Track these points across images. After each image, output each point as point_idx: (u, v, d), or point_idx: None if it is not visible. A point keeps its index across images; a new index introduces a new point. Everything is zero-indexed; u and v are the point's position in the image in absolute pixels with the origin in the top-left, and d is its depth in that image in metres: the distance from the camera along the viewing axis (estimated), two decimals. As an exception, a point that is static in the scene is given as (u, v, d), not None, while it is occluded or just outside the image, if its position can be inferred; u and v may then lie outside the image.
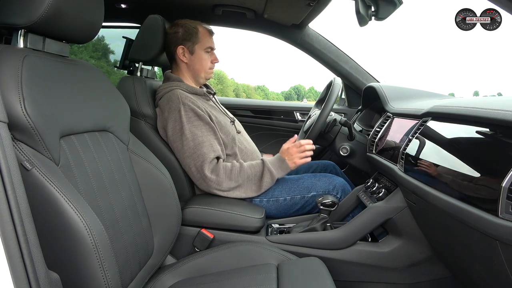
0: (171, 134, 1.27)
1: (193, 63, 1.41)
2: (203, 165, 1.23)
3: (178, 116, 1.26)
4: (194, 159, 1.24)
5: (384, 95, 1.39)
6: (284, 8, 1.67)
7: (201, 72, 1.43)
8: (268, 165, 1.29)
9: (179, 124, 1.25)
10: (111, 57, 3.17)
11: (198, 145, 1.24)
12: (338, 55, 1.91)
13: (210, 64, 1.44)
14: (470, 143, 0.76)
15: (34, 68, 0.70)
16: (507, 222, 0.58)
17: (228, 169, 1.26)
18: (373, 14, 1.16)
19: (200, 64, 1.41)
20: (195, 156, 1.24)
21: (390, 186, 1.17)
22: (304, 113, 2.17)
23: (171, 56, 1.43)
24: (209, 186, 1.25)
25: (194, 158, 1.24)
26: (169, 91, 1.32)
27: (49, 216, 0.64)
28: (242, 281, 0.90)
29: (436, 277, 1.10)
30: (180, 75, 1.42)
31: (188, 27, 1.39)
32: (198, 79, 1.44)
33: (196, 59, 1.40)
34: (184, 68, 1.42)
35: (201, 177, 1.25)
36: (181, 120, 1.25)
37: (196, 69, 1.42)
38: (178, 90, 1.31)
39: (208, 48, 1.42)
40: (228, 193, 1.27)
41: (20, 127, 0.65)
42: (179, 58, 1.40)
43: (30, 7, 0.70)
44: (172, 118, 1.27)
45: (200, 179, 1.25)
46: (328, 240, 1.14)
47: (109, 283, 0.67)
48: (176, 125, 1.26)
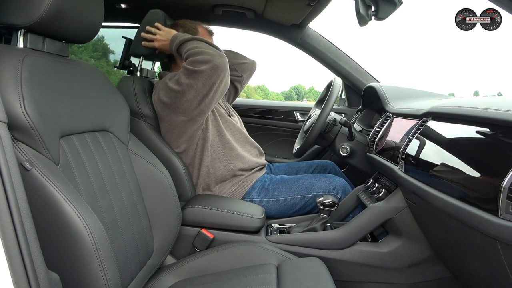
0: (171, 88, 1.23)
1: None
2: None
3: (167, 79, 1.25)
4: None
5: (384, 95, 1.39)
6: (284, 8, 1.67)
7: None
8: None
9: (172, 81, 1.23)
10: (111, 57, 3.16)
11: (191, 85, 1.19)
12: (338, 55, 1.91)
13: None
14: (470, 143, 0.76)
15: (34, 68, 0.70)
16: (507, 222, 0.58)
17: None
18: (373, 14, 1.16)
19: None
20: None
21: (390, 186, 1.17)
22: (304, 113, 2.17)
23: (170, 56, 1.43)
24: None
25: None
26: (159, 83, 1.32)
27: (49, 216, 0.64)
28: (242, 281, 0.90)
29: (436, 277, 1.10)
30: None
31: (188, 27, 1.39)
32: None
33: None
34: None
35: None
36: (171, 80, 1.23)
37: None
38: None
39: None
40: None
41: (20, 127, 0.65)
42: (178, 58, 1.40)
43: (30, 7, 0.70)
44: (163, 85, 1.25)
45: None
46: (328, 240, 1.14)
47: (109, 283, 0.67)
48: (170, 84, 1.23)
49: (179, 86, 1.21)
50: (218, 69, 1.18)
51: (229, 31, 1.99)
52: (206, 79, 1.18)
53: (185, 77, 1.19)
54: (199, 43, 1.23)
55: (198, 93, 1.20)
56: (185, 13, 1.79)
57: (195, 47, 1.21)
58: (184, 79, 1.19)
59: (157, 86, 1.31)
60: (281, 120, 2.18)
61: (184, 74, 1.20)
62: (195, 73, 1.18)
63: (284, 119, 2.17)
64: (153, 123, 1.33)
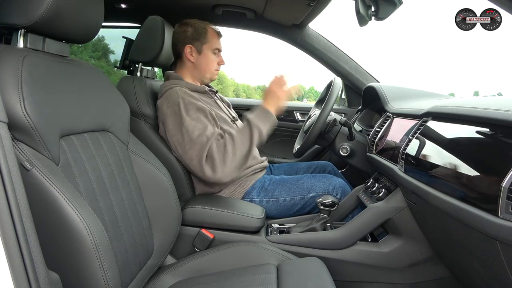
0: (171, 127, 1.24)
1: (199, 63, 1.41)
2: (202, 156, 1.18)
3: (177, 109, 1.24)
4: (195, 151, 1.20)
5: (384, 95, 1.39)
6: (284, 8, 1.67)
7: (207, 72, 1.42)
8: (254, 121, 1.23)
9: (178, 117, 1.23)
10: (111, 57, 3.17)
11: (199, 136, 1.20)
12: (338, 55, 1.91)
13: (216, 65, 1.43)
14: (470, 143, 0.76)
15: (34, 68, 0.70)
16: (507, 222, 0.58)
17: (221, 148, 1.20)
18: (373, 14, 1.16)
19: (206, 64, 1.41)
20: (196, 147, 1.20)
21: (390, 186, 1.17)
22: (304, 113, 2.17)
23: (177, 55, 1.43)
24: (213, 177, 1.20)
25: (195, 150, 1.20)
26: (169, 88, 1.32)
27: (49, 216, 0.64)
28: (242, 281, 0.90)
29: (436, 277, 1.10)
30: (183, 73, 1.42)
31: (197, 27, 1.39)
32: (203, 79, 1.44)
33: (203, 59, 1.40)
34: (190, 67, 1.42)
35: (202, 171, 1.19)
36: (180, 113, 1.23)
37: (202, 69, 1.41)
38: (177, 87, 1.31)
39: (216, 50, 1.41)
40: (229, 178, 1.22)
41: (20, 127, 0.65)
42: (186, 57, 1.40)
43: (30, 7, 0.70)
44: (172, 112, 1.25)
45: (201, 171, 1.20)
46: (328, 240, 1.14)
47: (109, 283, 0.67)
48: (176, 118, 1.24)
49: (184, 131, 1.21)
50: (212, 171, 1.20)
51: (229, 31, 1.99)
52: (199, 151, 1.20)
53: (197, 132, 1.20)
54: (246, 151, 1.23)
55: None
56: (185, 13, 1.79)
57: (245, 151, 1.22)
58: (195, 133, 1.20)
59: (168, 98, 1.27)
60: (281, 120, 2.18)
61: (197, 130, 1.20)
62: (209, 152, 1.19)
63: (284, 119, 2.17)
64: (153, 123, 1.33)
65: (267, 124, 1.25)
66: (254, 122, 1.23)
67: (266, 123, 1.25)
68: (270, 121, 1.26)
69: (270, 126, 1.26)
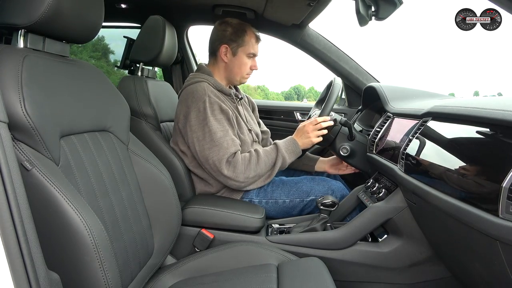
0: (194, 123, 1.25)
1: (232, 65, 1.39)
2: (221, 160, 1.22)
3: (202, 106, 1.25)
4: (214, 152, 1.23)
5: (384, 95, 1.39)
6: (284, 8, 1.67)
7: (238, 75, 1.41)
8: (282, 150, 1.30)
9: (203, 115, 1.24)
10: (111, 57, 3.17)
11: (220, 138, 1.23)
12: (338, 55, 1.91)
13: (249, 70, 1.41)
14: (470, 143, 0.76)
15: (34, 68, 0.70)
16: (507, 222, 0.58)
17: (247, 160, 1.25)
18: (373, 14, 1.16)
19: (239, 67, 1.39)
20: (215, 149, 1.23)
21: (390, 186, 1.17)
22: (304, 113, 2.17)
23: (212, 51, 1.41)
24: (226, 181, 1.26)
25: (214, 151, 1.23)
26: (196, 82, 1.31)
27: (49, 216, 0.64)
28: (242, 281, 0.90)
29: (436, 277, 1.10)
30: (214, 70, 1.40)
31: (237, 28, 1.37)
32: (232, 81, 1.43)
33: (236, 62, 1.39)
34: (222, 66, 1.40)
35: (218, 171, 1.24)
36: (205, 111, 1.24)
37: (234, 71, 1.40)
38: (205, 83, 1.31)
39: (251, 54, 1.39)
40: (243, 185, 1.26)
41: (20, 127, 0.65)
42: (220, 56, 1.38)
43: (30, 7, 0.70)
44: (196, 108, 1.25)
45: (217, 171, 1.24)
46: (328, 240, 1.14)
47: (109, 283, 0.67)
48: (200, 115, 1.24)
49: (207, 130, 1.24)
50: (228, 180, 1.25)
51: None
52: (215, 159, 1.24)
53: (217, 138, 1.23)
54: (270, 170, 1.30)
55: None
56: (185, 13, 1.79)
57: (264, 172, 1.28)
58: (217, 138, 1.23)
59: (194, 93, 1.27)
60: (281, 120, 2.18)
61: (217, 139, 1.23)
62: (233, 160, 1.23)
63: (284, 119, 2.17)
64: (153, 122, 1.33)
65: (293, 156, 1.32)
66: (282, 150, 1.30)
67: (292, 155, 1.32)
68: (296, 153, 1.33)
69: (294, 157, 1.33)
